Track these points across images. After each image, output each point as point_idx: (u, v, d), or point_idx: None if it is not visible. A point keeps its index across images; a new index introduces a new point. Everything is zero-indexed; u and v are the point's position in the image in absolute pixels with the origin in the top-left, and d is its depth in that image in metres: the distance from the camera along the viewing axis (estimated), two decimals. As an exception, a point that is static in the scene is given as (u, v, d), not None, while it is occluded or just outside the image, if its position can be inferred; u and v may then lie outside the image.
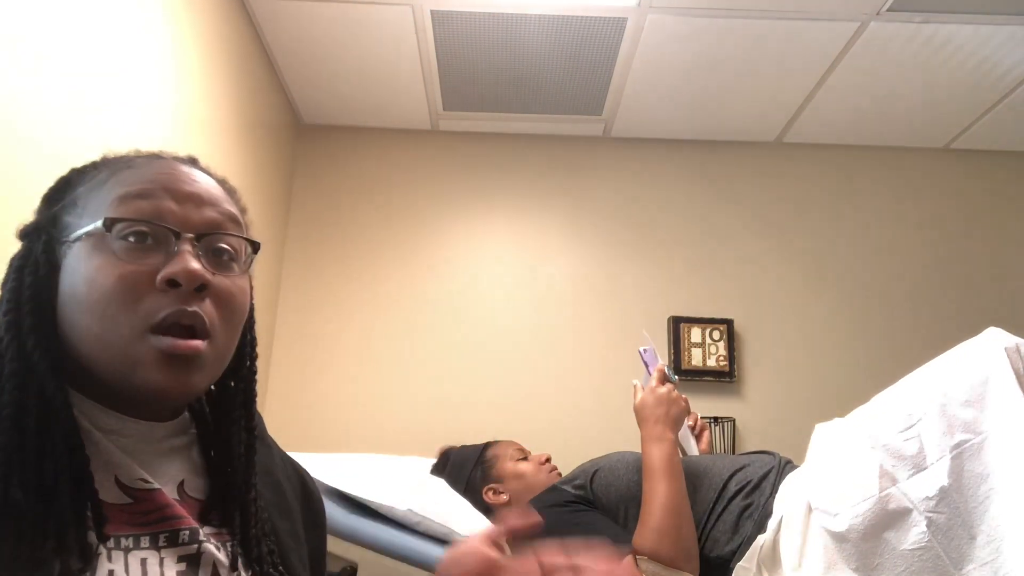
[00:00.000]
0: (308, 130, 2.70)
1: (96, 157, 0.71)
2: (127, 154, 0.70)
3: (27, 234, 0.66)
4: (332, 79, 2.42)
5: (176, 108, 1.72)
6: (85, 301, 0.60)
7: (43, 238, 0.64)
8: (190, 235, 0.63)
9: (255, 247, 0.69)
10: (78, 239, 0.62)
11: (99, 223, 0.60)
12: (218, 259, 0.65)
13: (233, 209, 0.69)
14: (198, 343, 0.61)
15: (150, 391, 0.61)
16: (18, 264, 0.64)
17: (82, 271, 0.61)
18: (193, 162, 0.71)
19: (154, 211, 0.62)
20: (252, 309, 0.72)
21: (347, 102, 2.56)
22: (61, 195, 0.67)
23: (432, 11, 2.06)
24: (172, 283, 0.60)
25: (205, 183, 0.68)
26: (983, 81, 2.33)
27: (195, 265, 0.61)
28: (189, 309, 0.61)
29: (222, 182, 0.71)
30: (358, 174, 2.67)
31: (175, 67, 1.70)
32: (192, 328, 0.61)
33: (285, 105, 2.54)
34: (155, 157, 0.70)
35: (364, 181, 2.66)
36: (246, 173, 2.19)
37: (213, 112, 1.93)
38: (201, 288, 0.61)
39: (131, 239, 0.61)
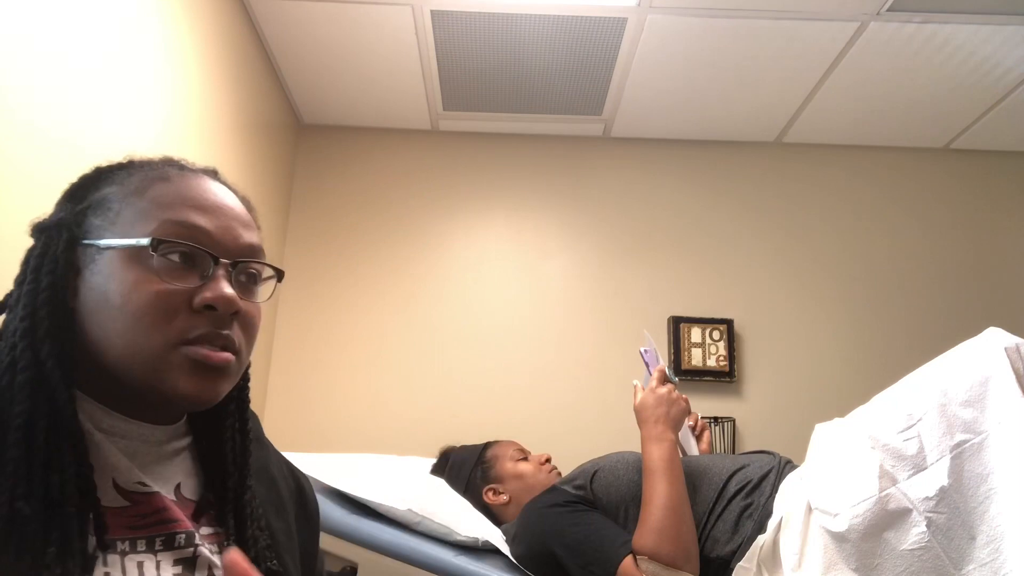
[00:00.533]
0: (308, 130, 2.70)
1: (121, 158, 0.72)
2: (154, 161, 0.71)
3: (45, 230, 0.64)
4: (332, 79, 2.42)
5: (176, 108, 1.72)
6: (118, 310, 0.61)
7: (64, 236, 0.64)
8: (227, 261, 0.65)
9: (280, 276, 0.73)
10: (110, 248, 0.62)
11: (145, 241, 0.62)
12: (245, 284, 0.68)
13: (258, 236, 0.72)
14: (228, 355, 0.64)
15: (178, 397, 0.62)
16: (35, 263, 0.63)
17: (117, 280, 0.62)
18: (215, 174, 0.73)
19: (198, 235, 0.65)
20: None
21: (347, 102, 2.56)
22: (86, 193, 0.67)
23: (432, 11, 2.06)
24: (209, 307, 0.63)
25: (239, 208, 0.71)
26: (983, 81, 2.33)
27: (232, 292, 0.64)
28: (223, 332, 0.64)
29: (244, 200, 0.73)
30: (358, 174, 2.67)
31: (175, 67, 1.70)
32: (223, 347, 0.64)
33: (285, 105, 2.54)
34: (186, 171, 0.71)
35: (364, 181, 2.66)
36: (246, 173, 2.19)
37: (213, 112, 1.93)
38: (235, 314, 0.65)
39: (173, 258, 0.63)
